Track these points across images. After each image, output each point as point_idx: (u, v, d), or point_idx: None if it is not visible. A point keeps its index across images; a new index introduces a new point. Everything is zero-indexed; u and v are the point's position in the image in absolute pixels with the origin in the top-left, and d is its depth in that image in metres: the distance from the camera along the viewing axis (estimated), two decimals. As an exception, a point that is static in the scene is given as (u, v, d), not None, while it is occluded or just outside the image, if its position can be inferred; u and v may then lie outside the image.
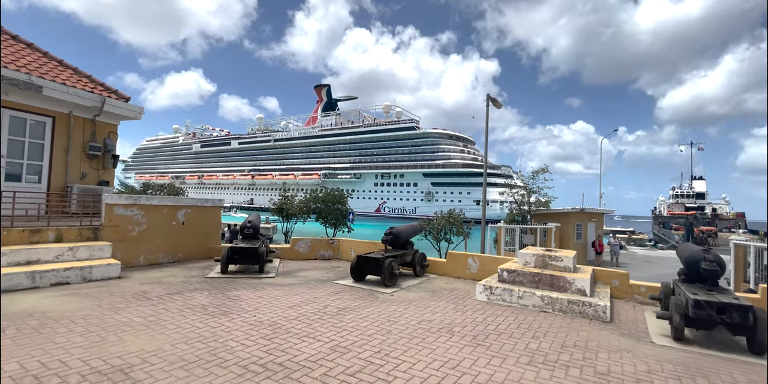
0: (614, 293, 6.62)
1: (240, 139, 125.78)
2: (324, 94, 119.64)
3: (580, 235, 21.37)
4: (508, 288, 6.03)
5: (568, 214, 20.74)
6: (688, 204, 65.42)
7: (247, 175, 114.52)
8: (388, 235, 7.86)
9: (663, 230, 50.17)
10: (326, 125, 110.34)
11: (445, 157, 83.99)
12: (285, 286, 6.83)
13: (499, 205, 67.87)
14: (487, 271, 7.81)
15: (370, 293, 6.54)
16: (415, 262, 8.08)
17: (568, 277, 5.86)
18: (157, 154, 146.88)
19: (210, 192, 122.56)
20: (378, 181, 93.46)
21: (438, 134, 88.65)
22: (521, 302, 5.88)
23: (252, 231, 8.44)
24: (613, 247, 20.46)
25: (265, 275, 7.58)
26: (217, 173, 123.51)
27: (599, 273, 6.85)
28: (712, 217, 57.25)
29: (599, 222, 23.75)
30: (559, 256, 6.28)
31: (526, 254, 6.55)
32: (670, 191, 73.23)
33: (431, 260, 8.63)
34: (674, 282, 5.74)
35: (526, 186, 20.23)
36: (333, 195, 20.68)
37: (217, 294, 6.00)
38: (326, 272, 8.36)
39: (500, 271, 6.42)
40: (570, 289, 5.81)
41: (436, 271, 8.58)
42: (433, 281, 7.85)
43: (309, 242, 10.04)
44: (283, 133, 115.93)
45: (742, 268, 13.08)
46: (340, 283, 7.19)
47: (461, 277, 8.23)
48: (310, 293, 6.33)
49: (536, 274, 6.09)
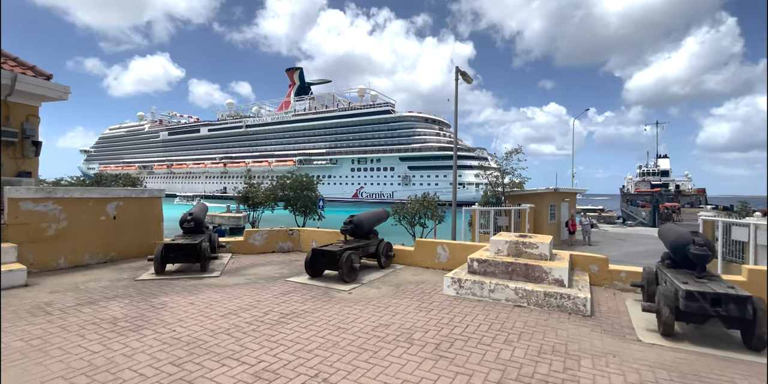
0: (593, 280, 6.09)
1: (210, 125, 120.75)
2: (296, 78, 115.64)
3: (554, 216, 21.31)
4: (479, 280, 5.37)
5: (542, 195, 20.57)
6: (654, 181, 67.59)
7: (218, 163, 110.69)
8: (348, 224, 7.04)
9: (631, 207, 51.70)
10: (300, 110, 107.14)
11: (421, 141, 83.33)
12: (227, 287, 5.94)
13: (474, 188, 68.24)
14: (458, 260, 7.16)
15: (324, 292, 5.75)
16: (379, 253, 7.32)
17: (544, 267, 5.24)
18: (122, 143, 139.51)
19: (180, 181, 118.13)
20: (355, 166, 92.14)
21: (414, 117, 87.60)
22: (493, 296, 5.24)
23: (193, 224, 7.43)
24: (585, 226, 20.48)
25: (208, 275, 6.64)
26: (187, 162, 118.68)
27: (576, 258, 6.29)
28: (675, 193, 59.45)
29: (572, 201, 23.78)
30: (534, 242, 5.64)
31: (498, 241, 5.88)
32: (636, 170, 75.39)
33: (398, 249, 7.90)
34: (657, 267, 5.22)
35: (500, 167, 19.84)
36: (301, 181, 19.62)
37: (140, 302, 5.05)
38: (281, 268, 7.50)
39: (470, 261, 5.73)
40: (546, 279, 5.20)
41: (404, 261, 7.87)
42: (400, 273, 7.14)
43: (265, 234, 9.10)
44: (255, 119, 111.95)
45: (711, 243, 13.04)
46: (292, 281, 6.36)
47: (430, 266, 7.56)
48: (253, 295, 5.47)
49: (509, 264, 5.44)
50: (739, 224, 11.87)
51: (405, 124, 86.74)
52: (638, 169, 74.96)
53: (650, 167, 73.05)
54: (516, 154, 20.04)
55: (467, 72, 11.81)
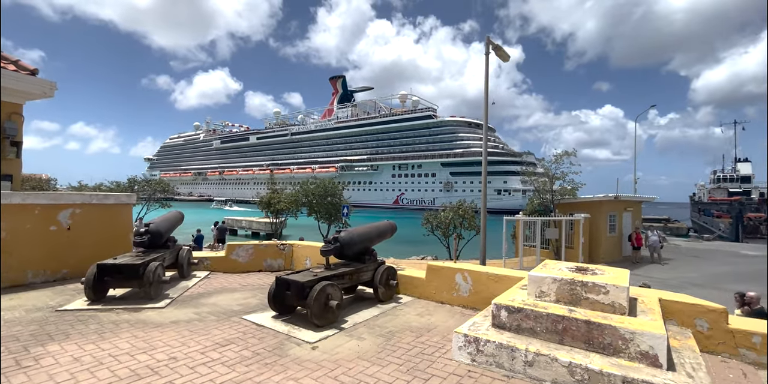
0: (701, 343, 3.79)
1: (258, 134, 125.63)
2: (339, 86, 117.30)
3: (614, 228, 18.24)
4: (509, 343, 3.33)
5: (600, 203, 17.64)
6: (732, 188, 59.58)
7: (265, 170, 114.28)
8: (332, 242, 5.24)
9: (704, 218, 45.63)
10: (342, 117, 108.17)
11: (464, 146, 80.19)
12: (159, 327, 4.37)
13: (521, 195, 63.86)
14: (485, 295, 5.11)
15: (279, 344, 3.98)
16: (376, 282, 5.44)
17: (620, 328, 3.10)
18: (180, 151, 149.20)
19: (231, 187, 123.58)
20: (395, 172, 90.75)
21: (455, 122, 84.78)
22: (531, 373, 3.18)
23: (148, 239, 6.02)
24: (653, 242, 17.13)
25: (152, 305, 5.14)
26: (237, 168, 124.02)
27: (671, 306, 4.02)
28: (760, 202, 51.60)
29: (636, 211, 20.38)
30: (600, 282, 3.50)
31: (542, 278, 3.78)
32: (710, 175, 67.35)
33: (405, 276, 5.96)
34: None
35: (548, 171, 17.21)
36: (324, 187, 18.24)
37: (15, 352, 3.59)
38: (252, 295, 5.85)
39: (495, 308, 3.69)
40: (626, 351, 3.05)
41: (413, 292, 5.92)
42: (401, 311, 5.21)
43: (251, 249, 7.55)
44: (300, 127, 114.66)
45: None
46: (249, 321, 4.65)
47: (446, 302, 5.54)
48: (178, 346, 3.83)
49: (560, 319, 3.35)
50: None
51: (447, 129, 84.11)
52: (712, 174, 66.84)
53: (727, 172, 64.72)
54: (567, 157, 17.34)
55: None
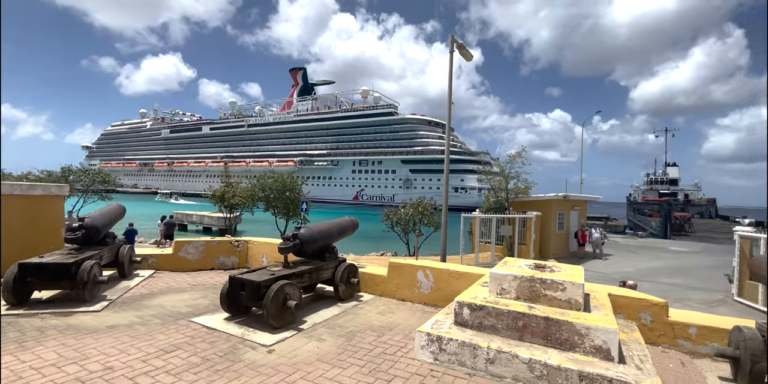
0: (644, 335, 4.03)
1: (212, 124, 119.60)
2: (300, 78, 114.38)
3: (562, 225, 19.27)
4: (471, 341, 3.33)
5: (550, 202, 18.56)
6: (662, 190, 65.25)
7: (219, 162, 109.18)
8: (291, 240, 5.00)
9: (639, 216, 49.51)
10: (302, 110, 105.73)
11: (424, 144, 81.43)
12: (94, 333, 3.93)
13: (477, 193, 66.08)
14: (446, 292, 5.13)
15: (232, 349, 3.72)
16: (337, 280, 5.29)
17: (576, 324, 3.19)
18: (124, 140, 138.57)
19: (181, 180, 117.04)
20: (356, 167, 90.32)
21: (416, 120, 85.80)
22: (493, 370, 3.20)
23: (83, 234, 5.44)
24: (596, 239, 18.40)
25: (85, 309, 4.63)
26: (188, 160, 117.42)
27: (618, 301, 4.24)
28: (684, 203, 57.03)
29: (582, 210, 21.71)
30: (559, 280, 3.60)
31: (503, 276, 3.83)
32: (644, 177, 73.16)
33: (367, 274, 5.86)
34: (763, 330, 3.19)
35: (503, 171, 17.90)
36: (283, 182, 17.66)
37: None
38: (203, 296, 5.48)
39: (458, 306, 3.69)
40: (581, 345, 3.15)
41: (374, 289, 5.83)
42: (363, 309, 5.10)
43: (202, 246, 7.08)
44: (258, 119, 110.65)
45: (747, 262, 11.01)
46: (198, 324, 4.33)
47: (408, 299, 5.51)
48: (116, 354, 3.46)
49: (520, 316, 3.40)
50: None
51: (407, 127, 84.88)
52: (645, 177, 72.68)
53: (658, 175, 70.75)
54: (521, 157, 18.14)
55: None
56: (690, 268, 16.26)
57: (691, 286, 12.83)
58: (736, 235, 11.35)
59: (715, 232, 35.58)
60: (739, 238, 11.17)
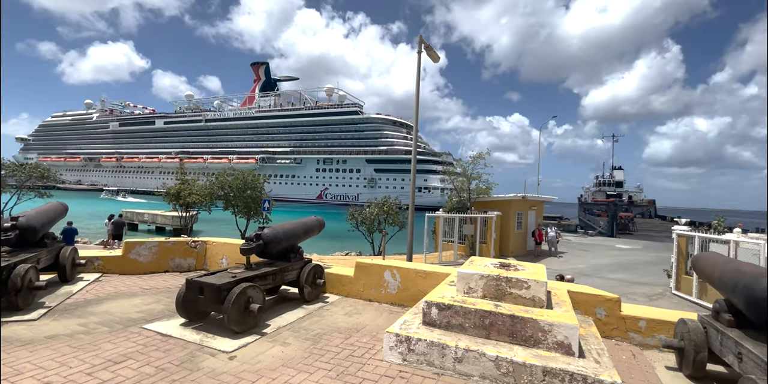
0: (600, 329, 4.25)
1: (166, 118, 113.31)
2: (262, 73, 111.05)
3: (521, 225, 20.09)
4: (439, 341, 3.34)
5: (510, 202, 19.28)
6: (609, 192, 69.72)
7: (174, 158, 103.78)
8: (254, 240, 4.80)
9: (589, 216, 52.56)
10: (264, 106, 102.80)
11: (389, 144, 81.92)
12: (29, 345, 3.55)
13: (439, 192, 67.47)
14: (413, 292, 5.14)
15: (189, 357, 3.50)
16: (302, 281, 5.14)
17: (540, 321, 3.29)
18: (66, 132, 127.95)
19: (131, 176, 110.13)
20: (320, 166, 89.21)
21: (381, 120, 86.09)
22: (461, 369, 3.23)
23: (17, 234, 4.92)
24: (552, 237, 19.45)
25: (18, 317, 4.18)
26: (140, 155, 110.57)
27: (576, 298, 4.44)
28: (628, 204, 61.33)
29: (539, 210, 22.75)
30: (523, 278, 3.70)
31: (470, 275, 3.89)
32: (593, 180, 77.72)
33: (333, 274, 5.76)
34: (707, 323, 3.45)
35: (466, 171, 18.40)
36: (244, 179, 17.05)
37: None
38: (156, 300, 5.14)
39: (426, 306, 3.70)
40: (545, 341, 3.26)
41: (340, 290, 5.74)
42: (329, 311, 5.00)
43: (155, 247, 6.65)
44: (217, 114, 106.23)
45: (684, 259, 12.01)
46: (151, 331, 4.04)
47: (375, 299, 5.47)
48: (56, 368, 3.13)
49: (486, 314, 3.46)
50: (718, 241, 10.77)
51: (372, 126, 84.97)
52: (595, 179, 77.26)
53: (606, 178, 75.48)
54: (482, 159, 18.76)
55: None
56: (633, 264, 17.49)
57: (634, 281, 13.78)
58: (674, 233, 12.34)
59: (655, 231, 38.51)
60: (677, 237, 12.15)
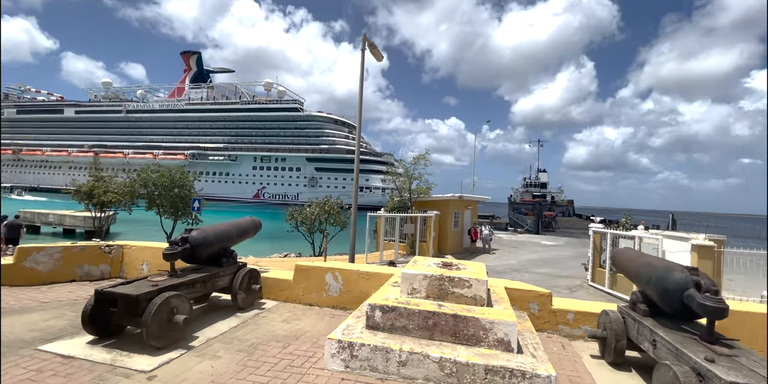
0: (533, 323, 4.47)
1: (78, 106, 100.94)
2: (194, 63, 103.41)
3: (457, 223, 20.92)
4: (383, 345, 3.24)
5: (447, 202, 19.99)
6: (535, 192, 75.82)
7: (88, 152, 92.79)
8: (180, 243, 4.33)
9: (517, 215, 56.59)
10: (196, 98, 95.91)
11: (330, 142, 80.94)
12: None
13: (381, 192, 68.18)
14: (356, 294, 5.00)
15: (98, 379, 3.01)
16: (236, 287, 4.76)
17: (482, 320, 3.34)
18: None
19: (32, 171, 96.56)
20: (257, 164, 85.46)
21: (323, 118, 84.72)
22: (405, 372, 3.16)
23: None
24: (486, 235, 20.59)
25: None
26: (43, 148, 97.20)
27: (513, 294, 4.63)
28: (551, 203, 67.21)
29: (474, 210, 23.89)
30: (465, 277, 3.75)
31: (413, 276, 3.85)
32: (522, 181, 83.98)
33: (270, 278, 5.42)
34: (625, 313, 3.76)
35: (407, 171, 18.75)
36: (171, 177, 15.59)
37: None
38: (55, 317, 4.42)
39: (370, 309, 3.59)
40: (486, 339, 3.31)
41: (278, 295, 5.42)
42: (265, 318, 4.67)
43: (58, 252, 5.75)
44: (140, 104, 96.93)
45: (599, 253, 13.30)
46: (50, 352, 3.44)
47: (315, 304, 5.25)
48: None
49: (430, 315, 3.44)
50: (626, 237, 12.07)
51: (314, 124, 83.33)
52: (522, 181, 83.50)
53: (532, 180, 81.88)
54: (423, 159, 19.28)
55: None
56: (556, 259, 19.06)
57: (558, 275, 15.00)
58: (590, 231, 13.65)
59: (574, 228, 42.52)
60: (593, 234, 13.45)
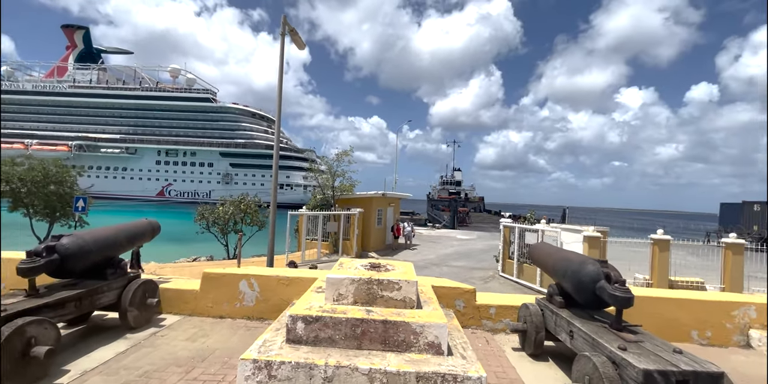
0: (459, 320, 4.48)
1: None
2: (80, 40, 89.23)
3: (381, 220, 21.12)
4: (306, 360, 2.89)
5: (371, 199, 20.06)
6: (451, 190, 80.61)
7: (-74, 140, 74.53)
8: (44, 254, 3.43)
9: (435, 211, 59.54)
10: (82, 81, 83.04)
11: (247, 137, 76.26)
12: None
13: (302, 190, 66.30)
14: (275, 302, 4.53)
15: None
16: (125, 303, 3.96)
17: (412, 324, 3.17)
18: None
19: None
20: (161, 158, 77.16)
21: (239, 110, 79.41)
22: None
23: None
24: (408, 231, 21.24)
25: None
26: None
27: (437, 291, 4.58)
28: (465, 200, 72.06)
29: (396, 207, 24.36)
30: (394, 279, 3.55)
31: (340, 280, 3.54)
32: (439, 179, 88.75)
33: (170, 290, 4.66)
34: (543, 306, 3.92)
35: (331, 168, 18.34)
36: (44, 170, 12.95)
37: None
38: None
39: (291, 320, 3.19)
40: (417, 344, 3.15)
41: (182, 308, 4.69)
42: (165, 337, 3.97)
43: None
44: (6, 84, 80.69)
45: (508, 246, 14.46)
46: None
47: (227, 315, 4.64)
48: None
49: (358, 322, 3.17)
50: (531, 230, 13.25)
51: (229, 117, 77.70)
52: (440, 179, 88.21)
53: (448, 178, 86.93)
54: (347, 156, 19.08)
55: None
56: (471, 252, 20.32)
57: (473, 267, 15.94)
58: (501, 225, 14.72)
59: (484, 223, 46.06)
60: (503, 228, 14.51)
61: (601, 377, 2.56)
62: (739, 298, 5.08)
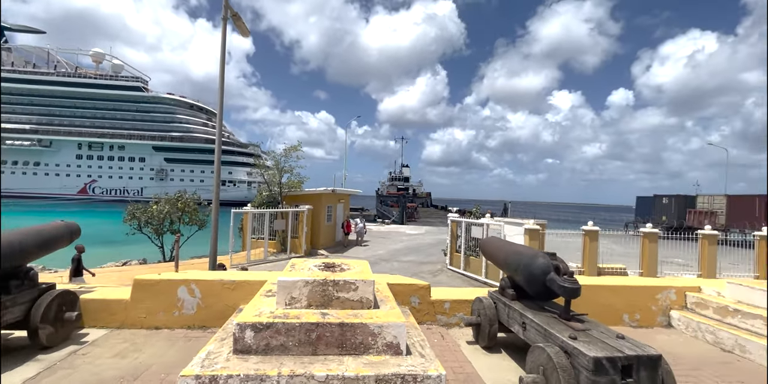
0: (415, 317, 4.45)
1: None
2: (-25, 14, 77.03)
3: (330, 217, 20.78)
4: (256, 372, 2.66)
5: (320, 196, 19.63)
6: (399, 186, 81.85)
7: None
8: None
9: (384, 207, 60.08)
10: (-20, 62, 71.93)
11: (184, 130, 71.15)
12: None
13: (246, 186, 63.43)
14: (219, 308, 4.18)
15: None
16: (35, 319, 3.40)
17: (370, 325, 3.06)
18: None
19: None
20: (83, 152, 69.67)
21: (175, 101, 73.76)
22: (285, 401, 2.65)
23: None
24: (360, 228, 21.10)
25: None
26: None
27: (394, 288, 4.52)
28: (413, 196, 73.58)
29: (346, 203, 24.12)
30: (350, 279, 3.41)
31: (293, 283, 3.33)
32: (388, 175, 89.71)
33: (94, 301, 4.11)
34: (496, 298, 4.01)
35: (278, 164, 17.60)
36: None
37: None
38: None
39: (239, 329, 2.93)
40: (375, 346, 3.04)
41: (110, 321, 4.16)
42: (87, 356, 3.48)
43: None
44: None
45: (455, 240, 14.93)
46: None
47: (164, 326, 4.20)
48: None
49: (314, 327, 2.99)
50: (477, 224, 13.78)
51: (162, 107, 71.91)
52: (389, 175, 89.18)
53: (397, 174, 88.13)
54: (295, 151, 18.42)
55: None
56: (419, 247, 20.70)
57: (422, 261, 16.22)
58: (448, 219, 15.12)
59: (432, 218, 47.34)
60: (450, 222, 14.93)
61: (554, 367, 2.64)
62: (661, 282, 5.62)
